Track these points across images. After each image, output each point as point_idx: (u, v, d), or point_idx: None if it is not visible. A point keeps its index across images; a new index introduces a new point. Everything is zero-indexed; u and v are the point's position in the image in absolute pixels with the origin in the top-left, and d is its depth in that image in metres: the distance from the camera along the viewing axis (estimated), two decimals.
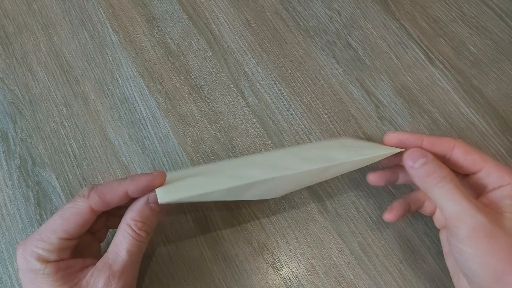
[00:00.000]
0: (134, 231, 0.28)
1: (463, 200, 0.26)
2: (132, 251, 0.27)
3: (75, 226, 0.27)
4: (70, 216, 0.27)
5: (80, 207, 0.27)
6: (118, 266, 0.27)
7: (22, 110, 0.40)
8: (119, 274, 0.27)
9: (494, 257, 0.25)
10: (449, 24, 0.44)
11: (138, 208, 0.28)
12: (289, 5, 0.45)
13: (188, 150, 0.38)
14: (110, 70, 0.42)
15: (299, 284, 0.34)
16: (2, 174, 0.37)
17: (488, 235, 0.25)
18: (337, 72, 0.42)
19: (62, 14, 0.44)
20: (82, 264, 0.28)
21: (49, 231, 0.27)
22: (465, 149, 0.29)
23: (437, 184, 0.28)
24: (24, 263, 0.26)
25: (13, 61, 0.42)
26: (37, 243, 0.27)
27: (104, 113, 0.40)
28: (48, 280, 0.26)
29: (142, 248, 0.29)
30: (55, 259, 0.27)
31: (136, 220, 0.28)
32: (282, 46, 0.43)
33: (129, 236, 0.27)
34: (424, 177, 0.29)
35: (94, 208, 0.28)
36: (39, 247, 0.26)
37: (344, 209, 0.36)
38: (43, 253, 0.26)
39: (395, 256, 0.35)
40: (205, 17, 0.44)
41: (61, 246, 0.27)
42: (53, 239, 0.27)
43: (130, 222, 0.28)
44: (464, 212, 0.26)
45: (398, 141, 0.31)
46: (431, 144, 0.30)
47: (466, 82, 0.41)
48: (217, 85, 0.41)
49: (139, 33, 0.43)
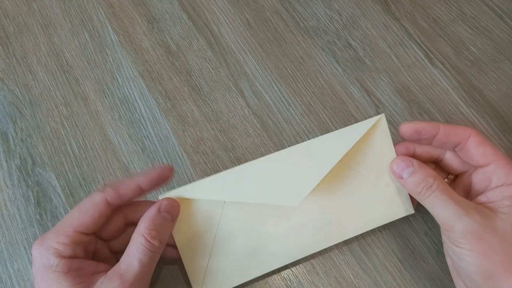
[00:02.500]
0: (147, 240, 0.27)
1: (451, 205, 0.27)
2: (144, 262, 0.27)
3: (91, 219, 0.27)
4: (86, 209, 0.28)
5: (96, 200, 0.28)
6: (129, 276, 0.26)
7: (22, 110, 0.40)
8: (129, 285, 0.26)
9: (485, 257, 0.26)
10: (449, 24, 0.44)
11: (150, 217, 0.28)
12: (289, 5, 0.45)
13: (188, 150, 0.39)
14: (110, 70, 0.42)
15: (299, 284, 0.34)
16: (2, 174, 0.37)
17: (477, 237, 0.26)
18: (337, 72, 0.42)
19: (62, 14, 0.44)
20: (94, 268, 0.27)
21: (66, 225, 0.27)
22: (479, 139, 0.29)
23: (425, 193, 0.28)
24: (38, 257, 0.26)
25: (13, 61, 0.42)
26: (54, 237, 0.27)
27: (104, 113, 0.40)
28: (59, 278, 0.26)
29: (155, 258, 0.28)
30: (69, 254, 0.26)
31: (149, 229, 0.27)
32: (282, 46, 0.43)
33: (141, 246, 0.27)
34: (412, 187, 0.29)
35: (109, 200, 0.28)
36: (55, 241, 0.26)
37: None
38: (58, 246, 0.26)
39: (395, 256, 0.35)
40: (205, 17, 0.44)
41: (76, 239, 0.27)
42: (70, 231, 0.27)
43: (143, 231, 0.27)
44: (453, 216, 0.27)
45: (414, 131, 0.30)
46: (447, 133, 0.29)
47: (466, 82, 0.41)
48: (217, 85, 0.41)
49: (139, 33, 0.43)
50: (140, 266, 0.26)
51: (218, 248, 0.31)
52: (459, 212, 0.27)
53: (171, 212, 0.29)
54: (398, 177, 0.30)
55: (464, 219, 0.26)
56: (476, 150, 0.29)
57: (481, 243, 0.26)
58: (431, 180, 0.28)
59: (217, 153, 0.38)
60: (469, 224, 0.26)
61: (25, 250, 0.35)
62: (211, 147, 0.39)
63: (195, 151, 0.39)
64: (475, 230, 0.26)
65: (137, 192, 0.29)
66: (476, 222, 0.26)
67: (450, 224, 0.27)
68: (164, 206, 0.29)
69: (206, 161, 0.38)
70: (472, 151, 0.29)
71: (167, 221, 0.29)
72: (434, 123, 0.30)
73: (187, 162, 0.38)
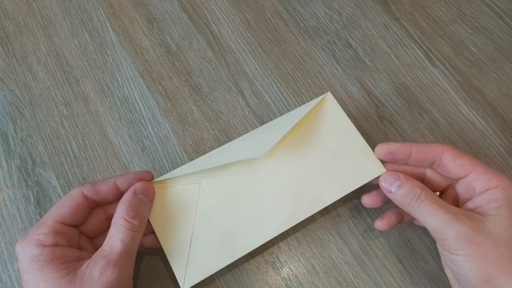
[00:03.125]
0: (127, 220, 0.28)
1: (441, 213, 0.28)
2: (126, 241, 0.28)
3: (69, 209, 0.29)
4: (63, 202, 0.29)
5: (73, 193, 0.29)
6: (113, 256, 0.27)
7: (22, 110, 0.40)
8: (114, 263, 0.27)
9: (481, 261, 0.26)
10: (449, 24, 0.44)
11: (126, 199, 0.29)
12: (289, 5, 0.45)
13: (188, 150, 0.38)
14: (110, 70, 0.42)
15: (299, 284, 0.34)
16: (2, 174, 0.37)
17: (471, 241, 0.26)
18: (337, 72, 0.42)
19: (62, 14, 0.44)
20: (78, 255, 0.28)
21: (45, 218, 0.28)
22: (453, 153, 0.30)
23: (414, 204, 0.29)
24: (21, 252, 0.27)
25: (13, 61, 0.42)
26: (34, 231, 0.27)
27: (104, 113, 0.40)
28: (43, 266, 0.26)
29: (136, 238, 0.29)
30: (51, 243, 0.27)
31: (127, 210, 0.29)
32: (282, 46, 0.43)
33: (121, 226, 0.28)
34: (401, 200, 0.30)
35: (86, 194, 0.30)
36: (35, 233, 0.27)
37: (344, 209, 0.36)
38: (39, 237, 0.27)
39: (395, 256, 0.35)
40: (205, 17, 0.44)
41: (56, 229, 0.28)
42: (49, 222, 0.28)
43: (122, 213, 0.28)
44: (444, 223, 0.27)
45: (389, 151, 0.32)
46: (420, 151, 0.31)
47: (466, 82, 0.41)
48: (217, 85, 0.41)
49: (139, 33, 0.43)
50: (123, 245, 0.27)
51: (198, 232, 0.32)
52: (449, 219, 0.27)
53: (146, 193, 0.30)
54: (387, 192, 0.31)
55: (456, 225, 0.27)
56: (453, 164, 0.30)
57: (475, 247, 0.26)
58: (418, 191, 0.29)
59: None
60: (461, 230, 0.27)
61: None
62: (211, 147, 0.39)
63: (195, 151, 0.39)
64: (468, 234, 0.27)
65: (113, 190, 0.30)
66: (467, 227, 0.27)
67: (442, 232, 0.28)
68: (139, 188, 0.30)
69: None
70: (450, 165, 0.30)
71: (144, 202, 0.30)
72: (407, 143, 0.31)
73: (187, 162, 0.38)
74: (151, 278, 0.34)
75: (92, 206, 0.31)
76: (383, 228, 0.33)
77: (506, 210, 0.27)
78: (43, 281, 0.26)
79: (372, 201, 0.33)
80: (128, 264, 0.29)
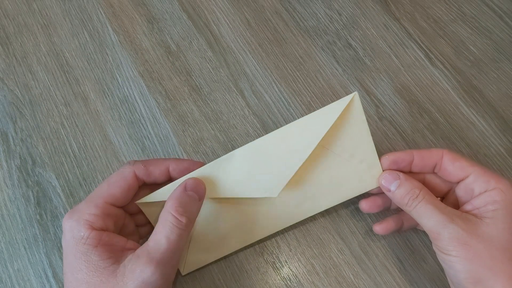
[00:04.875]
0: (174, 217, 0.27)
1: (436, 214, 0.28)
2: (171, 239, 0.26)
3: (121, 190, 0.28)
4: (115, 181, 0.29)
5: (125, 172, 0.29)
6: (157, 253, 0.26)
7: (22, 110, 0.40)
8: (157, 262, 0.26)
9: (472, 263, 0.27)
10: (449, 24, 0.44)
11: (176, 195, 0.28)
12: (289, 5, 0.45)
13: (188, 150, 0.38)
14: (110, 70, 0.42)
15: (299, 284, 0.34)
16: (2, 174, 0.37)
17: (463, 243, 0.27)
18: (337, 72, 0.42)
19: (62, 14, 0.44)
20: (123, 245, 0.27)
21: (97, 196, 0.28)
22: (452, 156, 0.30)
23: (412, 204, 0.29)
24: (68, 229, 0.26)
25: (13, 61, 0.42)
26: (85, 209, 0.27)
27: (104, 113, 0.40)
28: (88, 251, 0.26)
29: (183, 236, 0.28)
30: (100, 226, 0.27)
31: (176, 206, 0.27)
32: (282, 46, 0.43)
33: (169, 223, 0.27)
34: (399, 199, 0.30)
35: (138, 175, 0.29)
36: (86, 212, 0.27)
37: (344, 209, 0.36)
38: (89, 218, 0.27)
39: (395, 256, 0.35)
40: (205, 17, 0.44)
41: (107, 211, 0.27)
42: (100, 203, 0.27)
43: (170, 209, 0.27)
44: (439, 224, 0.28)
45: (391, 162, 0.32)
46: (421, 157, 0.31)
47: (466, 82, 0.41)
48: (217, 85, 0.41)
49: (139, 33, 0.43)
50: (168, 243, 0.26)
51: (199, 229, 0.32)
52: (444, 220, 0.28)
53: (197, 190, 0.29)
54: (386, 190, 0.31)
55: (449, 226, 0.27)
56: (452, 167, 0.30)
57: (467, 249, 0.27)
58: (417, 191, 0.30)
59: (217, 153, 0.38)
60: (454, 231, 0.27)
61: (25, 250, 0.35)
62: (211, 147, 0.39)
63: (195, 151, 0.39)
64: (460, 236, 0.27)
65: (165, 174, 0.30)
66: (461, 229, 0.27)
67: (436, 232, 0.28)
68: (189, 185, 0.29)
69: (206, 161, 0.38)
70: (449, 168, 0.30)
71: (194, 199, 0.29)
72: (408, 151, 0.32)
73: None
74: None
75: (140, 185, 0.30)
76: (381, 233, 0.33)
77: (502, 213, 0.27)
78: (86, 266, 0.26)
79: (370, 207, 0.34)
80: (172, 264, 0.28)
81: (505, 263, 0.26)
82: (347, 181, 0.33)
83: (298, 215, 0.34)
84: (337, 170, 0.32)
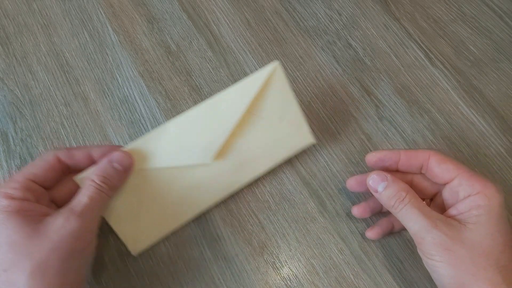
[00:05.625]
0: (95, 181, 0.29)
1: (421, 219, 0.28)
2: (93, 197, 0.28)
3: (41, 169, 0.29)
4: (36, 161, 0.30)
5: (47, 154, 0.30)
6: (78, 207, 0.28)
7: (22, 110, 0.40)
8: (78, 214, 0.27)
9: (455, 268, 0.27)
10: (449, 24, 0.44)
11: (100, 166, 0.30)
12: (289, 5, 0.45)
13: None
14: (110, 70, 0.42)
15: (299, 284, 0.34)
16: (2, 174, 0.37)
17: (445, 248, 0.27)
18: (337, 72, 0.42)
19: (62, 14, 0.44)
20: (45, 212, 0.28)
21: (16, 175, 0.29)
22: (439, 158, 0.31)
23: (398, 206, 0.30)
24: None
25: (13, 61, 0.42)
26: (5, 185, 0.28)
27: (104, 113, 0.40)
28: (10, 217, 0.26)
29: (104, 198, 0.29)
30: (19, 196, 0.27)
31: (97, 174, 0.29)
32: (282, 46, 0.43)
33: (90, 185, 0.29)
34: (386, 201, 0.30)
35: (59, 157, 0.30)
36: (6, 187, 0.28)
37: (344, 209, 0.36)
38: (9, 190, 0.27)
39: (395, 256, 0.35)
40: (205, 17, 0.44)
41: (26, 185, 0.28)
42: (20, 178, 0.28)
43: (91, 175, 0.29)
44: (423, 229, 0.28)
45: (378, 159, 0.32)
46: (408, 157, 0.32)
47: (466, 82, 0.41)
48: (217, 85, 0.41)
49: (139, 33, 0.43)
50: (89, 199, 0.28)
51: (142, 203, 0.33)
52: (428, 225, 0.28)
53: (121, 162, 0.31)
54: (374, 191, 0.31)
55: (433, 231, 0.28)
56: (439, 168, 0.30)
57: (450, 254, 0.27)
58: (403, 194, 0.30)
59: None
60: (437, 236, 0.27)
61: None
62: None
63: None
64: (443, 241, 0.27)
65: (87, 158, 0.31)
66: (444, 234, 0.27)
67: (420, 237, 0.28)
68: (115, 156, 0.30)
69: None
70: (436, 170, 0.31)
71: (117, 171, 0.30)
72: (395, 150, 0.32)
73: None
74: (151, 278, 0.34)
75: (64, 170, 0.31)
76: (373, 237, 0.34)
77: (485, 219, 0.28)
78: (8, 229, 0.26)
79: (361, 213, 0.34)
80: (93, 217, 0.29)
81: (487, 269, 0.26)
82: (279, 143, 0.35)
83: (239, 181, 0.35)
84: (268, 133, 0.34)
